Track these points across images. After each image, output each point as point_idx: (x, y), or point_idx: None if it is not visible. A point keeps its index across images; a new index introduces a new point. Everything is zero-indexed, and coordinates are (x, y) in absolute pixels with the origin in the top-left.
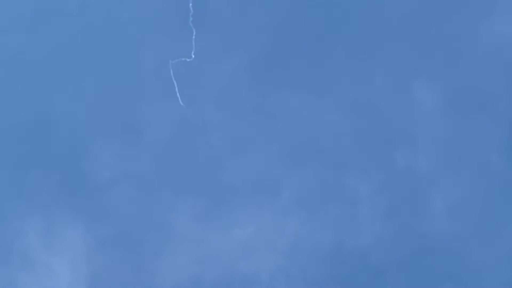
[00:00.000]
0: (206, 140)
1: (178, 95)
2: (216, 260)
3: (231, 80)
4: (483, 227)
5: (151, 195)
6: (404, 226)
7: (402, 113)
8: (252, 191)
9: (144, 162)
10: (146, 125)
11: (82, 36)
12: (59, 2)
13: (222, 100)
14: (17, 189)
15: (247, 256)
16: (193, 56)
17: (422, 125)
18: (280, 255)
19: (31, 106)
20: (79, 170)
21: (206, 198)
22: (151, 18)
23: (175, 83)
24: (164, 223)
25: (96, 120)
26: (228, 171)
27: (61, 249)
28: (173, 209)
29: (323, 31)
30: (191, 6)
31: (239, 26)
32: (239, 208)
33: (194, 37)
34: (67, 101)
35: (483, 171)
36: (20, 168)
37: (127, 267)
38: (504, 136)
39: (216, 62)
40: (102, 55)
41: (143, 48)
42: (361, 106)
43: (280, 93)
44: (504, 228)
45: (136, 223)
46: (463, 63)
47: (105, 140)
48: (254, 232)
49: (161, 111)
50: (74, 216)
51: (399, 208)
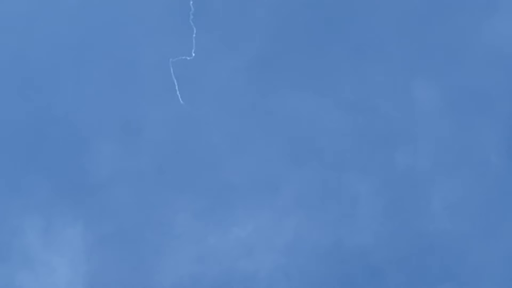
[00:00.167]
0: (206, 139)
1: (178, 94)
2: (216, 259)
3: (232, 79)
4: (482, 227)
5: (151, 194)
6: (404, 225)
7: (401, 112)
8: (252, 189)
9: (144, 161)
10: (146, 123)
11: (82, 35)
12: (59, 2)
13: (222, 99)
14: (16, 187)
15: (246, 254)
16: (193, 54)
17: (421, 124)
18: (280, 253)
19: (31, 105)
20: (78, 169)
21: (206, 197)
22: (151, 17)
23: (175, 82)
24: (163, 221)
25: (96, 118)
26: (228, 170)
27: (60, 247)
28: (172, 207)
29: (323, 31)
30: (191, 4)
31: (240, 25)
32: (239, 206)
33: (195, 35)
34: (67, 99)
35: (483, 170)
36: (20, 167)
37: (126, 265)
38: (504, 136)
39: (216, 61)
40: (102, 54)
41: (143, 46)
42: (361, 105)
43: (280, 92)
44: (503, 227)
45: (136, 221)
46: (463, 63)
47: (105, 138)
48: (253, 231)
49: (161, 109)
50: (74, 214)
51: (399, 208)
